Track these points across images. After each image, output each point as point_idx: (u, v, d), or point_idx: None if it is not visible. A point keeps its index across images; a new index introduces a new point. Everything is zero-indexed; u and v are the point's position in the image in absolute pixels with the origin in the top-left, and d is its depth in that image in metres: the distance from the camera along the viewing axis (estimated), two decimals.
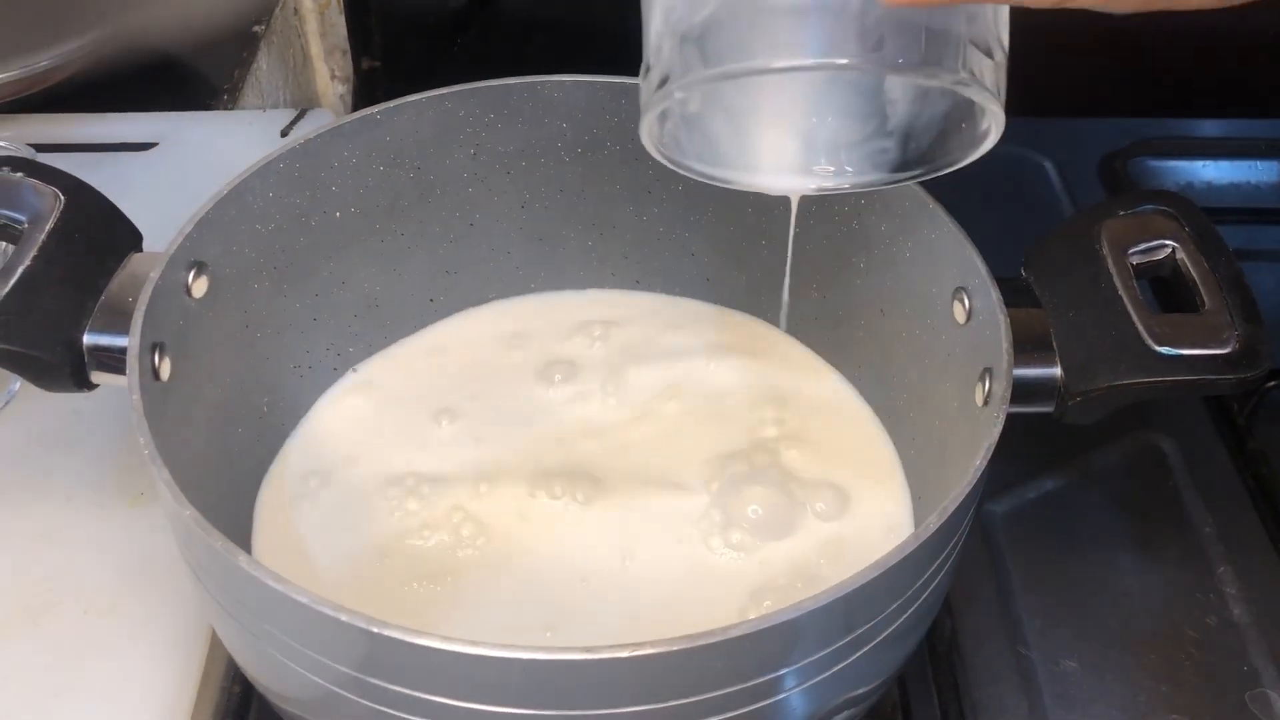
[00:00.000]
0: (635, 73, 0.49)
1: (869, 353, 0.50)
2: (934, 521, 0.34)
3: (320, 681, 0.34)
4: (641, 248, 0.54)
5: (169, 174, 0.63)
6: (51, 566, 0.47)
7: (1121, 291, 0.40)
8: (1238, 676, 0.47)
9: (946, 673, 0.47)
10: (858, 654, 0.35)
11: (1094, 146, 0.71)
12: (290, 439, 0.49)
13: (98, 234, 0.41)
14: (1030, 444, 0.50)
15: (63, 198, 0.41)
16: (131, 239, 0.42)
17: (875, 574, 0.32)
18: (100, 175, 0.44)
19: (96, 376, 0.40)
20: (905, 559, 0.33)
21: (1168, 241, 0.42)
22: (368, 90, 0.79)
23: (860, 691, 0.38)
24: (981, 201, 0.46)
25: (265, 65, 0.74)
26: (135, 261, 0.41)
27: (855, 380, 0.51)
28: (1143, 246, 0.42)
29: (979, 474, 0.35)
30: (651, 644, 0.30)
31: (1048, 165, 0.70)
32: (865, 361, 0.50)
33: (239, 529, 0.45)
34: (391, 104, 0.47)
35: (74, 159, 0.55)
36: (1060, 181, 0.69)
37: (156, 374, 0.39)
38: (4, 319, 0.38)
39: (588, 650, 0.30)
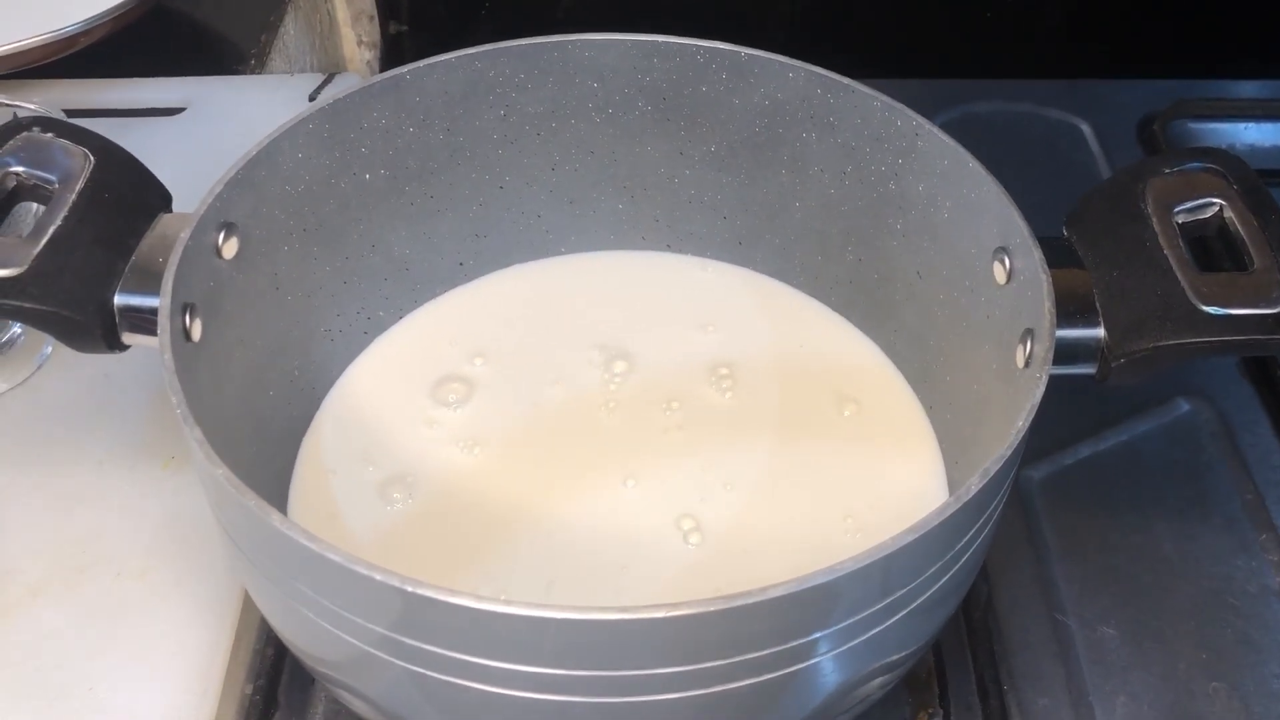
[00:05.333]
0: (667, 31, 0.49)
1: (905, 316, 0.49)
2: (975, 483, 0.33)
3: (354, 642, 0.34)
4: (673, 211, 0.53)
5: (198, 138, 0.63)
6: (84, 530, 0.47)
7: (1166, 250, 0.39)
8: (1278, 645, 0.46)
9: (983, 640, 0.47)
10: (894, 618, 0.34)
11: (1132, 109, 0.70)
12: (323, 403, 0.49)
13: (128, 194, 0.41)
14: (1068, 411, 0.50)
15: (92, 158, 0.41)
16: (161, 199, 0.42)
17: (914, 536, 0.32)
18: (130, 139, 0.43)
19: (128, 337, 0.40)
20: (945, 521, 0.32)
21: (1215, 199, 0.40)
22: (395, 56, 0.79)
23: (896, 657, 0.38)
24: (1018, 166, 0.46)
25: (292, 30, 0.74)
26: (165, 222, 0.41)
27: (890, 344, 0.51)
28: (1189, 205, 0.40)
29: (1021, 435, 0.35)
30: (688, 604, 0.30)
31: (1085, 128, 0.69)
32: (901, 325, 0.49)
33: (273, 496, 0.45)
34: (421, 64, 0.47)
35: (104, 123, 0.55)
36: (1098, 145, 0.68)
37: (188, 335, 0.39)
38: (37, 279, 0.38)
39: (623, 610, 0.30)
